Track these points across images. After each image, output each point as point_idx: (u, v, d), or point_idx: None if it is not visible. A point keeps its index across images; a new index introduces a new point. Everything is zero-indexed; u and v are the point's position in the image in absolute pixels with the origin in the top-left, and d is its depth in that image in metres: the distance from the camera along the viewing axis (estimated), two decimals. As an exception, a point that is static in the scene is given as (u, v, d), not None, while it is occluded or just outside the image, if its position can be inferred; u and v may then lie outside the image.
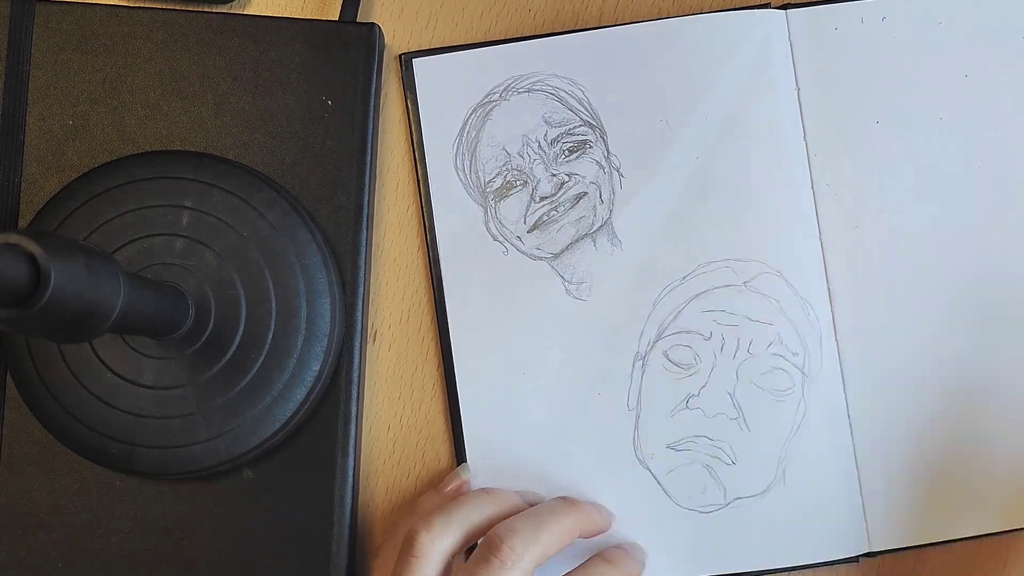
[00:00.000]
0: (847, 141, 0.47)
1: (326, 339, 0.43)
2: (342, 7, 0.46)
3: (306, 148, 0.45)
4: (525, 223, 0.47)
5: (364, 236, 0.45)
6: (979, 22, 0.47)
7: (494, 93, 0.47)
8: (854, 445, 0.46)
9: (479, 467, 0.46)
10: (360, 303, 0.45)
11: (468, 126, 0.47)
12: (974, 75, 0.47)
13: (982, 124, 0.47)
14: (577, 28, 0.48)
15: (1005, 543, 0.46)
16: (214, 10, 0.46)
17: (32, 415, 0.42)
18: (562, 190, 0.46)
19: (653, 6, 0.48)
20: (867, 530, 0.45)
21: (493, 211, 0.46)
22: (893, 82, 0.47)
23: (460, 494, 0.44)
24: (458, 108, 0.47)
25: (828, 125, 0.47)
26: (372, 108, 0.45)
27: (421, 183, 0.47)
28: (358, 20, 0.46)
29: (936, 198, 0.47)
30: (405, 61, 0.47)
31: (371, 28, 0.45)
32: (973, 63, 0.47)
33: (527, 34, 0.48)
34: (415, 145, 0.47)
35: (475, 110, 0.47)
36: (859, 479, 0.46)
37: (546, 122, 0.47)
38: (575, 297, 0.46)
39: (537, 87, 0.47)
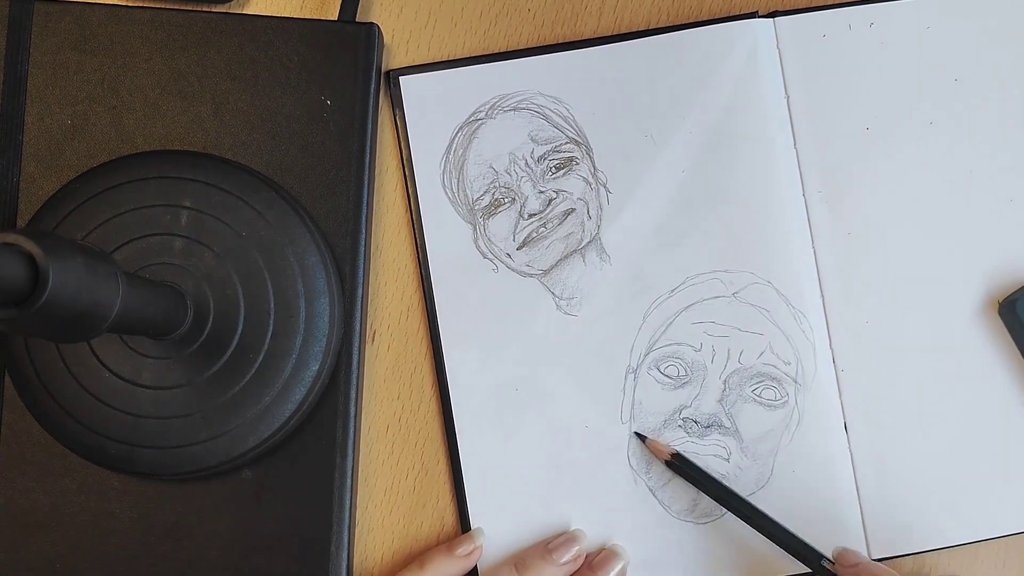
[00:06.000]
0: (838, 148, 0.47)
1: (325, 339, 0.42)
2: (341, 7, 0.46)
3: (305, 148, 0.45)
4: (514, 240, 0.47)
5: (363, 236, 0.45)
6: (967, 26, 0.47)
7: (480, 111, 0.47)
8: (851, 453, 0.46)
9: (475, 480, 0.46)
10: (359, 303, 0.44)
11: (455, 144, 0.47)
12: (963, 79, 0.47)
13: (973, 128, 0.47)
14: (576, 30, 0.48)
15: (1003, 544, 0.46)
16: (213, 10, 0.46)
17: (31, 415, 0.42)
18: (550, 207, 0.47)
19: (653, 5, 0.48)
20: (866, 538, 0.45)
21: (482, 229, 0.47)
22: (882, 88, 0.47)
23: (473, 558, 0.44)
24: (445, 126, 0.47)
25: (818, 133, 0.47)
26: (371, 108, 0.45)
27: (412, 201, 0.47)
28: (357, 20, 0.46)
29: (929, 203, 0.47)
30: (393, 78, 0.47)
31: (370, 28, 0.45)
32: (962, 68, 0.47)
33: (526, 35, 0.48)
34: (404, 162, 0.47)
35: (462, 128, 0.47)
36: (857, 487, 0.46)
37: (532, 140, 0.47)
38: (566, 313, 0.46)
39: (523, 105, 0.47)
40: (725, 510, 0.45)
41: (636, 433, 0.45)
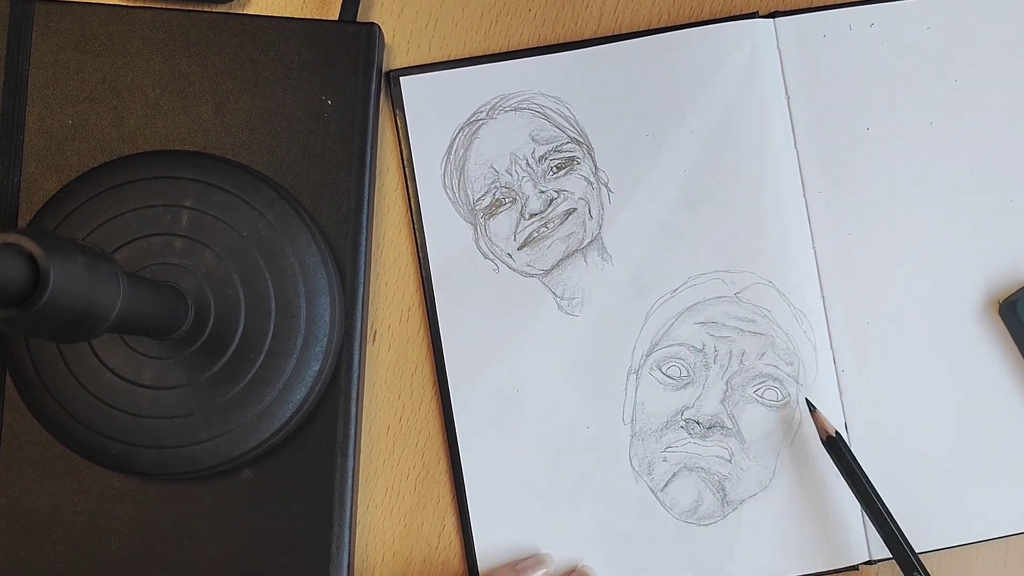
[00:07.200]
0: (838, 148, 0.47)
1: (325, 339, 0.42)
2: (342, 7, 0.46)
3: (306, 148, 0.45)
4: (515, 240, 0.47)
5: (364, 236, 0.45)
6: (967, 27, 0.47)
7: (481, 112, 0.47)
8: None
9: (476, 481, 0.46)
10: (359, 303, 0.44)
11: (456, 144, 0.47)
12: (963, 80, 0.47)
13: (972, 129, 0.47)
14: (577, 30, 0.48)
15: (1003, 544, 0.46)
16: (214, 10, 0.46)
17: (31, 415, 0.42)
18: (551, 206, 0.47)
19: (653, 6, 0.48)
20: (867, 538, 0.45)
21: (483, 229, 0.46)
22: (883, 88, 0.47)
23: None
24: (446, 126, 0.47)
25: (819, 133, 0.47)
26: (372, 108, 0.45)
27: (412, 201, 0.47)
28: (358, 20, 0.46)
29: (928, 204, 0.47)
30: (393, 78, 0.47)
31: (371, 28, 0.45)
32: (962, 68, 0.47)
33: (527, 35, 0.48)
34: (405, 163, 0.47)
35: (462, 128, 0.47)
36: (857, 486, 0.46)
37: (533, 139, 0.47)
38: (567, 313, 0.46)
39: (524, 105, 0.47)
40: (727, 512, 0.45)
41: (807, 399, 0.45)
